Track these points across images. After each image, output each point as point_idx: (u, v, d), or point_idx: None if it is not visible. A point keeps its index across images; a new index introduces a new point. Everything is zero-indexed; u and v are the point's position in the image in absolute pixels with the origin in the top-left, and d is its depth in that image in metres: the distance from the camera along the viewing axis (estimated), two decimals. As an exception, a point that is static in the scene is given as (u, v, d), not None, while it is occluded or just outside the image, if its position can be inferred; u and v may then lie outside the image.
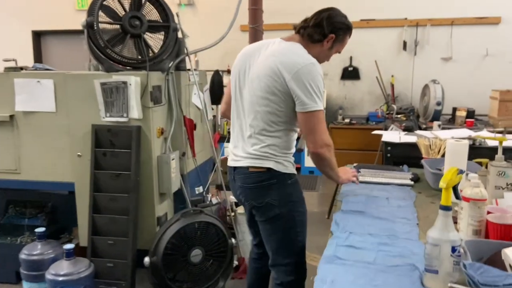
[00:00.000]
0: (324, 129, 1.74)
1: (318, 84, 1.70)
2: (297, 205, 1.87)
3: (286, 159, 1.84)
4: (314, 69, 1.72)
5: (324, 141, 1.73)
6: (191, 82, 3.07)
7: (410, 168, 2.50)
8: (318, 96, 1.70)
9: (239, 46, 4.58)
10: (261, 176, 1.80)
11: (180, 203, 3.00)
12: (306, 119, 1.72)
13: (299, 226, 1.88)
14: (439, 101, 5.33)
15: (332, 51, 1.91)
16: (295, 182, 1.87)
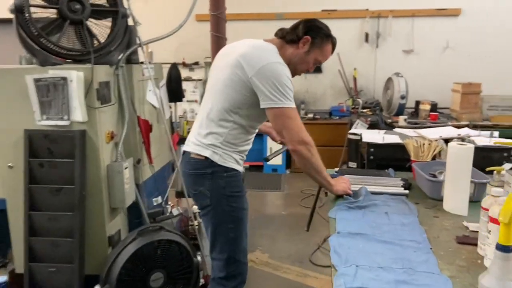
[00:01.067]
0: (298, 126, 1.73)
1: (284, 83, 1.69)
2: (231, 200, 1.84)
3: (226, 152, 1.82)
4: (281, 68, 1.71)
5: (301, 138, 1.73)
6: (145, 77, 2.66)
7: (396, 172, 2.26)
8: (285, 94, 1.69)
9: (194, 37, 4.21)
10: (198, 164, 1.83)
11: (135, 217, 2.60)
12: (274, 116, 1.72)
13: (231, 222, 1.86)
14: (403, 94, 5.20)
15: (310, 57, 1.85)
16: (233, 176, 1.84)
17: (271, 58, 1.72)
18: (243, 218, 1.90)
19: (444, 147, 2.16)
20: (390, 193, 1.89)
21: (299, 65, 1.86)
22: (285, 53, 1.82)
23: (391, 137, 2.53)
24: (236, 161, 1.87)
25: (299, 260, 3.24)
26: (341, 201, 1.83)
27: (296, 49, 1.82)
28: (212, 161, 1.81)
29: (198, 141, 1.86)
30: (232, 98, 1.77)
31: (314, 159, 1.78)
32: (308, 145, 1.73)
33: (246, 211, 1.93)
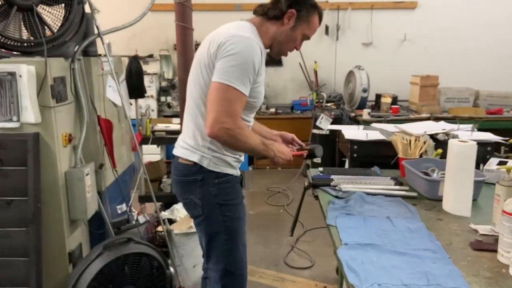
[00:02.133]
0: (228, 109, 1.47)
1: (241, 59, 1.46)
2: (224, 209, 1.65)
3: (217, 155, 1.62)
4: (243, 43, 1.48)
5: (220, 122, 1.46)
6: (105, 71, 2.39)
7: (382, 170, 2.16)
8: (235, 72, 1.46)
9: (148, 28, 3.90)
10: (187, 170, 1.65)
11: (97, 228, 2.33)
12: (212, 88, 1.49)
13: (225, 233, 1.67)
14: (365, 87, 5.19)
15: (297, 32, 1.63)
16: (226, 182, 1.64)
17: (238, 32, 1.52)
18: (239, 228, 1.71)
19: (431, 143, 2.08)
20: (385, 194, 1.77)
21: (286, 44, 1.65)
22: (267, 32, 1.62)
23: (374, 133, 2.43)
24: (229, 165, 1.66)
25: (274, 262, 3.10)
26: (333, 206, 1.68)
27: (281, 25, 1.61)
28: (202, 167, 1.62)
29: (185, 143, 1.67)
30: (206, 85, 1.56)
31: (241, 143, 1.53)
32: (230, 130, 1.48)
33: (243, 220, 1.74)
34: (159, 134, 3.05)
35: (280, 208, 4.20)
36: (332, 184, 1.90)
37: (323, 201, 1.75)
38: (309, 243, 3.38)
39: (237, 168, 1.71)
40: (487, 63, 5.85)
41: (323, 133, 4.87)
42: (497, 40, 5.82)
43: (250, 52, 1.48)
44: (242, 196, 1.76)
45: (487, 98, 5.45)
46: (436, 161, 2.00)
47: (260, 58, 1.52)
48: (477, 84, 5.55)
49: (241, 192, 1.75)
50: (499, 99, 5.46)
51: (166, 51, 5.54)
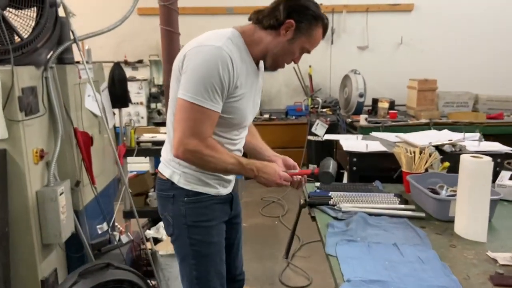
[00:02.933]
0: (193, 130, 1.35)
1: (204, 72, 1.32)
2: (192, 232, 1.51)
3: (187, 171, 1.49)
4: (207, 53, 1.33)
5: (184, 143, 1.35)
6: (82, 80, 2.20)
7: (383, 184, 1.99)
8: (199, 86, 1.32)
9: (137, 32, 3.73)
10: (162, 184, 1.55)
11: (75, 251, 2.14)
12: (177, 106, 1.38)
13: (193, 258, 1.54)
14: (361, 92, 5.03)
15: (295, 45, 1.43)
16: (197, 202, 1.50)
17: (206, 40, 1.37)
18: (211, 255, 1.55)
19: (437, 156, 1.91)
20: (390, 214, 1.60)
21: (282, 57, 1.46)
22: (260, 42, 1.44)
23: (374, 144, 2.26)
24: (205, 183, 1.51)
25: (269, 281, 2.91)
26: (332, 230, 1.50)
27: (277, 36, 1.42)
28: (173, 183, 1.51)
29: (163, 157, 1.58)
30: (174, 99, 1.43)
31: (211, 165, 1.41)
32: (196, 152, 1.36)
33: (216, 245, 1.56)
34: (145, 145, 2.86)
35: (275, 220, 4.01)
36: (330, 202, 1.72)
37: (321, 223, 1.57)
38: (305, 258, 3.20)
39: (218, 187, 1.54)
40: (486, 66, 5.71)
41: (319, 139, 4.70)
42: (495, 42, 5.69)
43: (215, 62, 1.32)
44: (222, 218, 1.58)
45: (486, 102, 5.30)
46: (444, 176, 1.83)
47: (231, 69, 1.35)
48: (476, 87, 5.39)
49: (221, 214, 1.58)
50: (499, 103, 5.31)
51: (156, 56, 5.36)
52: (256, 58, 1.48)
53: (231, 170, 1.44)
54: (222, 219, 1.59)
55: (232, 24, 1.48)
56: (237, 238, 1.78)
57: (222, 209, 1.58)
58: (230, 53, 1.35)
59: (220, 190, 1.55)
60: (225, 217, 1.60)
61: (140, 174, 3.08)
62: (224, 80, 1.33)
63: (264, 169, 1.47)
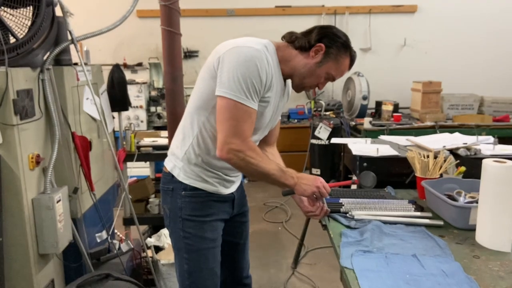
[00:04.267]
0: (237, 129, 1.35)
1: (245, 69, 1.33)
2: (186, 224, 1.53)
3: (188, 167, 1.51)
4: (248, 52, 1.35)
5: (228, 143, 1.35)
6: (80, 82, 2.12)
7: (396, 190, 1.90)
8: (241, 85, 1.33)
9: (136, 35, 3.70)
10: (164, 177, 1.59)
11: (73, 261, 2.05)
12: (220, 107, 1.37)
13: (185, 251, 1.55)
14: (365, 95, 4.95)
15: (322, 69, 1.47)
16: (194, 197, 1.52)
17: (244, 43, 1.39)
18: (203, 250, 1.55)
19: (453, 160, 1.82)
20: (406, 222, 1.51)
21: (308, 78, 1.48)
22: (289, 59, 1.47)
23: (385, 148, 2.17)
24: (203, 180, 1.53)
25: (274, 290, 2.82)
26: (346, 240, 1.41)
27: (306, 58, 1.45)
28: (173, 176, 1.54)
29: (170, 149, 1.61)
30: (202, 92, 1.46)
31: (253, 166, 1.39)
32: (239, 152, 1.36)
33: (211, 242, 1.56)
34: (145, 150, 2.77)
35: (279, 225, 3.92)
36: (342, 210, 1.63)
37: (334, 232, 1.48)
38: (311, 266, 3.11)
39: (217, 185, 1.55)
40: (490, 68, 5.64)
41: (322, 143, 4.63)
42: (499, 44, 5.62)
43: (255, 63, 1.34)
44: (220, 216, 1.58)
45: (492, 104, 5.22)
46: (460, 181, 1.74)
47: (268, 70, 1.38)
48: (481, 89, 5.33)
49: (219, 212, 1.58)
50: (505, 105, 5.22)
51: (156, 59, 5.28)
52: (284, 75, 1.49)
53: (271, 176, 1.42)
54: (219, 217, 1.58)
55: (232, 25, 1.47)
56: (243, 238, 1.77)
57: (220, 207, 1.58)
58: (268, 56, 1.39)
59: (219, 188, 1.55)
60: (223, 215, 1.60)
61: (141, 180, 2.99)
62: (261, 80, 1.36)
63: (303, 176, 1.48)
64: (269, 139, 1.72)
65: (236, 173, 1.60)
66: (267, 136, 1.68)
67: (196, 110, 1.47)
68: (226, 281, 1.75)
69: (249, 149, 1.37)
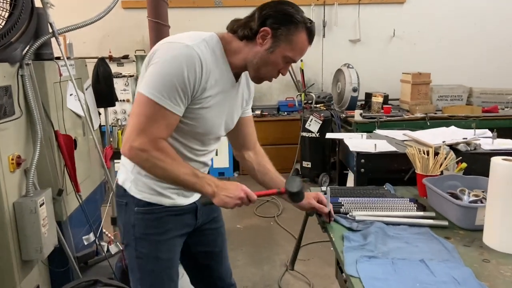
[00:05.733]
0: (144, 127, 1.20)
1: (168, 69, 1.19)
2: (139, 244, 1.37)
3: (139, 178, 1.35)
4: (176, 50, 1.21)
5: (131, 140, 1.20)
6: (63, 78, 2.00)
7: (395, 187, 1.84)
8: (161, 84, 1.19)
9: (121, 26, 3.57)
10: (117, 190, 1.42)
11: (59, 266, 1.96)
12: (135, 100, 1.24)
13: (140, 272, 1.40)
14: (355, 87, 4.90)
15: (276, 55, 1.27)
16: (147, 213, 1.35)
17: (178, 38, 1.25)
18: (157, 272, 1.40)
19: (454, 156, 1.77)
20: (409, 223, 1.45)
21: (263, 68, 1.30)
22: (238, 51, 1.30)
23: (383, 144, 2.11)
24: (158, 193, 1.36)
25: (268, 288, 2.76)
26: (349, 244, 1.34)
27: (254, 46, 1.28)
28: (125, 189, 1.38)
29: (121, 161, 1.43)
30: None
31: (159, 169, 1.22)
32: (142, 151, 1.20)
33: (164, 263, 1.40)
34: (133, 146, 2.66)
35: (271, 220, 3.86)
36: (342, 210, 1.56)
37: (335, 235, 1.41)
38: (305, 262, 3.05)
39: (174, 197, 1.38)
40: (479, 59, 5.63)
41: (313, 136, 4.56)
42: (488, 35, 5.60)
43: (181, 61, 1.19)
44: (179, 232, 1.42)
45: (480, 95, 5.22)
46: (462, 178, 1.69)
47: (199, 71, 1.21)
48: (469, 81, 5.32)
49: (177, 227, 1.41)
50: (493, 96, 5.23)
51: (143, 52, 5.13)
52: (236, 69, 1.33)
53: (183, 180, 1.24)
54: (178, 233, 1.42)
55: (220, 17, 1.35)
56: (218, 245, 1.60)
57: (179, 222, 1.41)
58: (201, 54, 1.22)
59: (177, 200, 1.39)
60: (184, 230, 1.44)
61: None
62: (189, 81, 1.20)
63: (224, 186, 1.27)
64: (245, 143, 1.57)
65: None
66: (242, 140, 1.54)
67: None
68: None
69: (155, 149, 1.20)
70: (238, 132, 1.53)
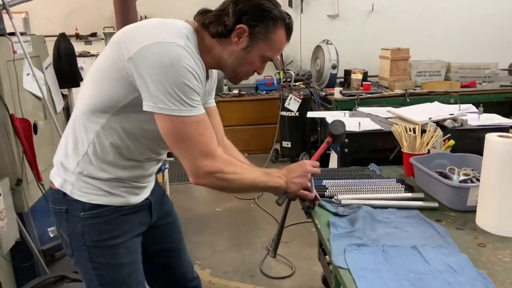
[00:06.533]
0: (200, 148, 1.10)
1: (174, 78, 1.03)
2: (94, 253, 1.21)
3: (82, 179, 1.18)
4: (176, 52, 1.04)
5: (200, 168, 1.11)
6: (18, 56, 1.81)
7: (380, 167, 1.75)
8: (177, 94, 1.04)
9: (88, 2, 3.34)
10: (53, 196, 1.24)
11: (23, 260, 1.81)
12: (163, 128, 1.08)
13: (100, 284, 1.23)
14: (334, 63, 4.78)
15: (253, 54, 1.17)
16: (96, 217, 1.19)
17: (164, 36, 1.07)
18: (121, 279, 1.24)
19: (441, 133, 1.68)
20: (397, 206, 1.36)
21: (240, 68, 1.20)
22: (211, 49, 1.18)
23: (366, 121, 2.00)
24: (106, 192, 1.20)
25: (249, 273, 2.67)
26: (335, 231, 1.24)
27: (229, 45, 1.16)
28: (65, 194, 1.19)
29: (56, 160, 1.25)
30: (101, 92, 1.13)
31: (237, 182, 1.17)
32: (216, 173, 1.12)
33: (128, 267, 1.26)
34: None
35: (251, 202, 3.76)
36: (327, 194, 1.46)
37: (320, 222, 1.31)
38: (286, 244, 2.97)
39: (125, 195, 1.23)
40: (456, 34, 5.58)
41: (292, 115, 4.45)
42: (466, 9, 5.55)
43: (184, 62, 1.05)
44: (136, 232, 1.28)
45: (458, 70, 5.19)
46: (450, 156, 1.61)
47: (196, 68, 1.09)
48: (447, 56, 5.27)
49: (133, 227, 1.27)
50: (471, 71, 5.21)
51: (112, 29, 4.87)
52: (208, 67, 1.21)
53: (259, 184, 1.21)
54: (135, 233, 1.28)
55: None
56: (175, 240, 1.49)
57: (134, 221, 1.28)
58: (192, 51, 1.09)
59: (129, 199, 1.24)
60: (140, 228, 1.31)
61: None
62: (198, 77, 1.09)
63: (290, 170, 1.27)
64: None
65: (150, 178, 1.33)
66: None
67: (93, 112, 1.14)
68: None
69: (224, 164, 1.14)
70: None
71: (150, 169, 1.28)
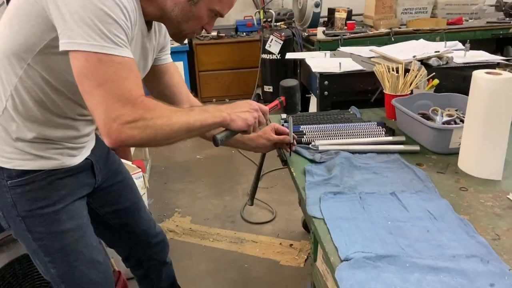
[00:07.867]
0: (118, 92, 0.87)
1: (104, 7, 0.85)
2: (30, 223, 1.09)
3: (9, 143, 1.03)
4: None
5: (114, 118, 0.87)
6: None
7: (360, 110, 1.67)
8: (98, 27, 0.85)
9: None
10: None
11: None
12: (76, 68, 0.87)
13: (46, 254, 1.13)
14: (317, 1, 4.54)
15: (200, 8, 1.01)
16: (28, 184, 1.05)
17: None
18: (68, 246, 1.13)
19: (425, 72, 1.59)
20: (387, 151, 1.30)
21: (185, 24, 1.04)
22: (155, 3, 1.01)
23: (347, 62, 1.89)
24: (34, 156, 1.06)
25: (230, 219, 2.65)
26: (311, 178, 1.17)
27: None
28: None
29: None
30: (15, 33, 0.95)
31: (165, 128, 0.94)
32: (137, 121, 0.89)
33: (74, 232, 1.14)
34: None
35: (232, 149, 3.69)
36: (303, 140, 1.38)
37: (296, 169, 1.24)
38: (267, 190, 2.95)
39: (59, 157, 1.10)
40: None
41: (274, 57, 4.29)
42: None
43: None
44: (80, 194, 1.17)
45: (445, 6, 5.02)
46: (433, 96, 1.53)
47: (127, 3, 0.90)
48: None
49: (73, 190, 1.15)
50: (458, 7, 5.05)
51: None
52: (148, 17, 1.04)
53: (194, 124, 0.99)
54: (77, 196, 1.16)
55: None
56: (129, 199, 1.39)
57: (74, 184, 1.15)
58: None
59: (63, 161, 1.11)
60: (83, 191, 1.19)
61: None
62: (126, 10, 0.90)
63: (232, 105, 1.09)
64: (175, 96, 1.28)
65: (88, 137, 1.19)
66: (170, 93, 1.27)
67: (9, 58, 0.97)
68: (134, 254, 1.46)
69: (147, 110, 0.92)
70: (163, 85, 1.25)
71: (84, 130, 1.14)
